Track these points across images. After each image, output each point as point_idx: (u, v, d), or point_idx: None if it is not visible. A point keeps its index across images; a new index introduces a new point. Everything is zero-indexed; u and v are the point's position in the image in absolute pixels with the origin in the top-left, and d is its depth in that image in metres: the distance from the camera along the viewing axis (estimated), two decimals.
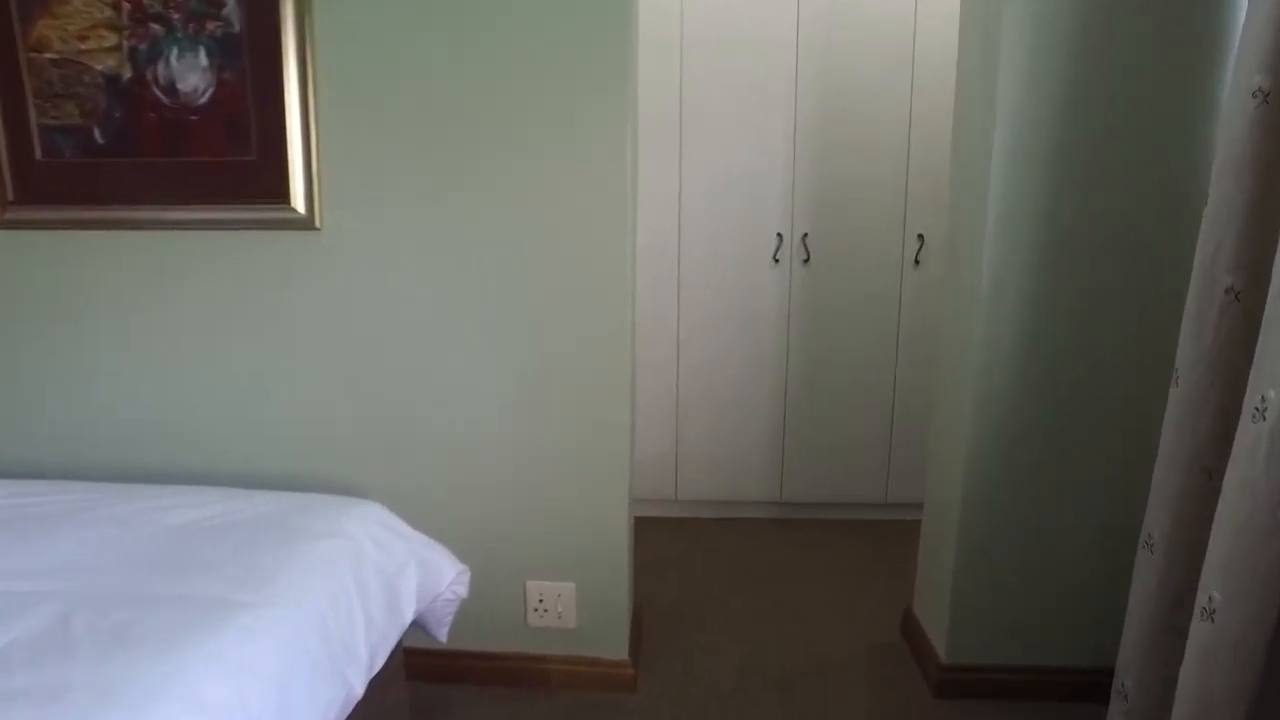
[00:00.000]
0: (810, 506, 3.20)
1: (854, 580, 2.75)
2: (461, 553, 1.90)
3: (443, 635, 1.83)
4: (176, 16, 1.75)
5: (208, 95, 1.80)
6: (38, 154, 1.84)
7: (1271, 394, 1.22)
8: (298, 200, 1.85)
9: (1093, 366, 1.91)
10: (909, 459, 3.07)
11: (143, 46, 1.76)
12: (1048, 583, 2.03)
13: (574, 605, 2.03)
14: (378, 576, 1.56)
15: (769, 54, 2.87)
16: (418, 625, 1.79)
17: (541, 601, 2.04)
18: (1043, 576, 2.03)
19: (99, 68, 1.78)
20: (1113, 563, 1.96)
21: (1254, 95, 1.37)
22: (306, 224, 1.87)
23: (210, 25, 1.75)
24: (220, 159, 1.84)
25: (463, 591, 1.81)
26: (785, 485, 3.15)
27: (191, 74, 1.78)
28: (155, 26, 1.75)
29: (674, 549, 2.97)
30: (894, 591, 2.61)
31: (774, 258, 2.98)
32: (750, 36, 2.86)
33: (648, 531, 3.01)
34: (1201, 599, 1.37)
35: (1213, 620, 1.34)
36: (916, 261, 2.96)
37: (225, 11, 1.75)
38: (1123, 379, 1.91)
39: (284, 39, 1.76)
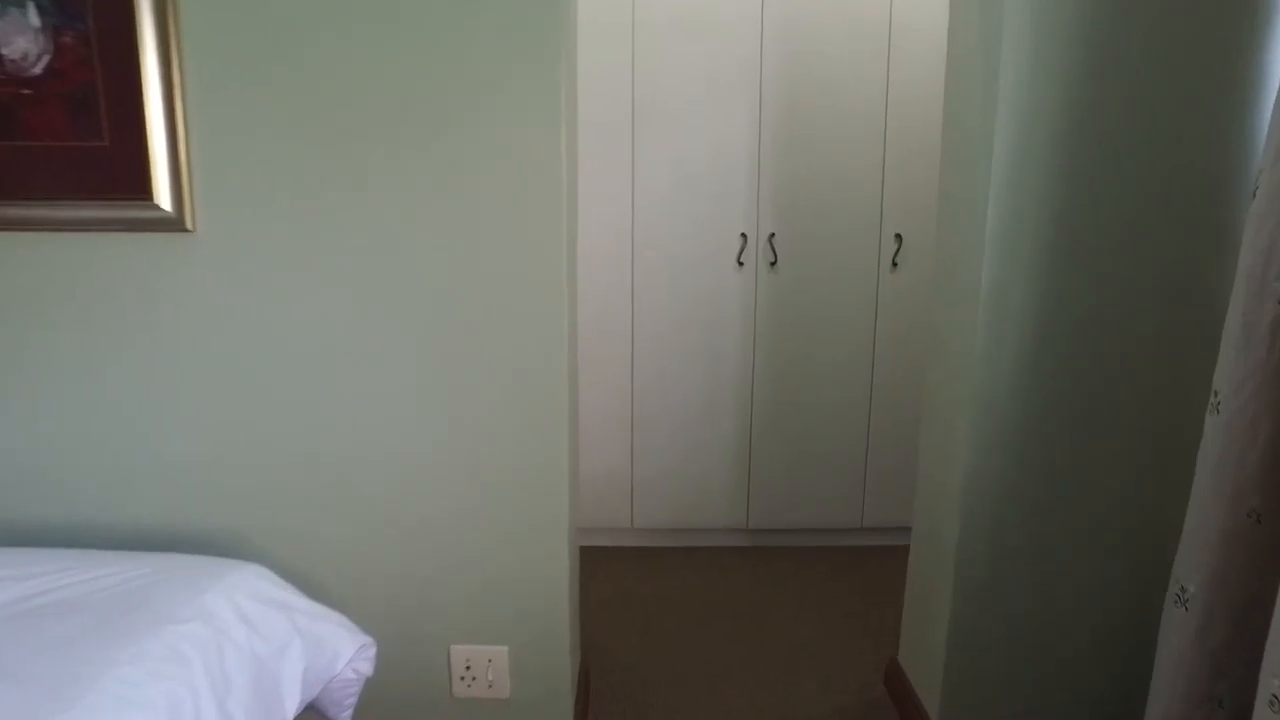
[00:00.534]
0: (779, 533, 2.93)
1: (830, 618, 2.47)
2: (374, 615, 1.64)
3: None
4: None
5: (43, 64, 1.46)
6: None
7: None
8: (162, 196, 1.52)
9: (1111, 385, 1.66)
10: (887, 480, 2.85)
11: None
12: (1060, 635, 1.78)
13: (507, 672, 1.73)
14: (247, 666, 1.24)
15: (731, 36, 2.61)
16: (314, 709, 1.48)
17: (469, 668, 1.73)
18: (1054, 628, 1.77)
19: None
20: (1137, 612, 1.71)
21: None
22: (175, 224, 1.54)
23: None
24: (64, 144, 1.50)
25: (366, 669, 1.50)
26: (752, 510, 2.88)
27: (19, 37, 1.43)
28: None
29: (629, 584, 2.67)
30: (875, 630, 2.35)
31: (738, 260, 2.71)
32: (710, 18, 2.60)
33: (599, 564, 2.72)
34: (1270, 684, 1.12)
35: None
36: (894, 264, 2.71)
37: None
38: (1147, 399, 1.66)
39: None
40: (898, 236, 2.69)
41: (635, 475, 2.85)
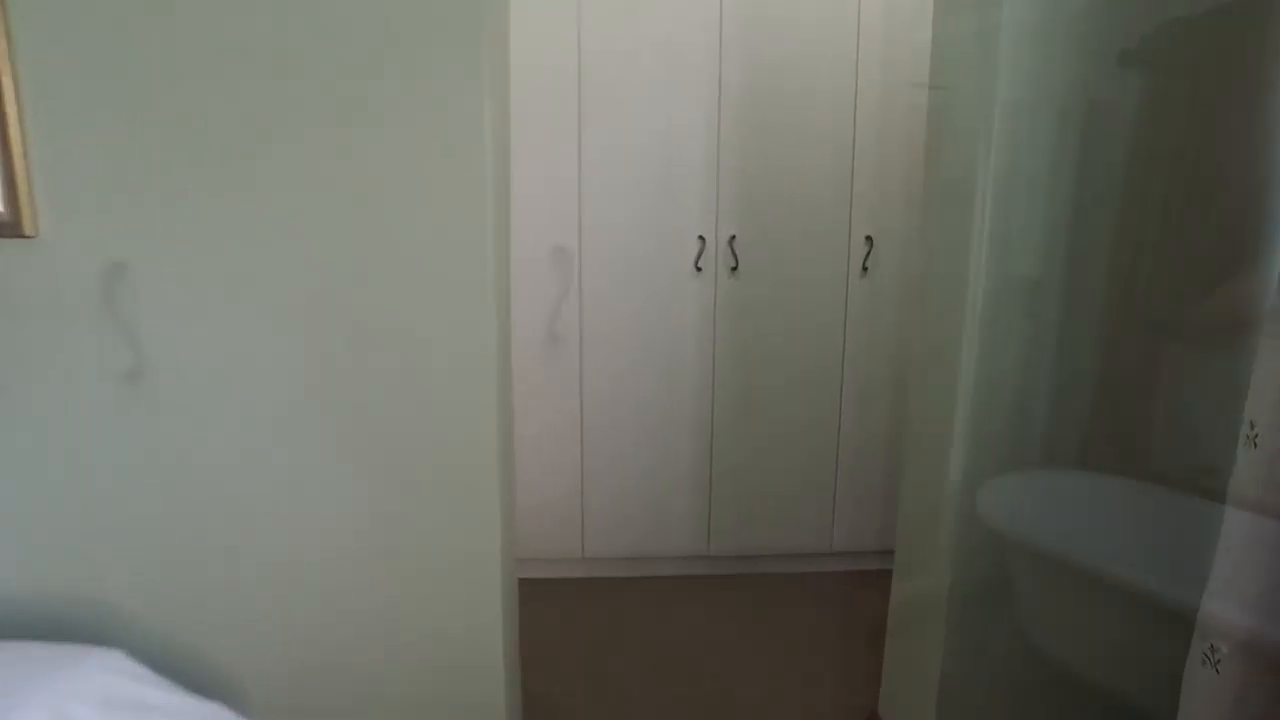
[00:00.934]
0: (743, 560, 2.72)
1: (799, 656, 2.26)
2: (271, 695, 1.41)
3: None
4: None
5: None
6: None
7: None
8: None
9: (1126, 399, 1.46)
10: (858, 501, 2.66)
11: None
12: (1066, 688, 1.57)
13: None
14: None
15: (687, 18, 2.38)
16: None
17: None
18: (1060, 682, 1.57)
19: None
20: (1159, 666, 1.52)
21: None
22: (11, 229, 1.26)
23: None
24: None
25: None
26: (713, 535, 2.66)
27: None
28: None
29: (577, 621, 2.43)
30: (850, 672, 2.14)
31: (696, 265, 2.49)
32: None
33: (545, 599, 2.48)
34: None
35: None
36: (865, 269, 2.51)
37: None
38: (1166, 416, 1.46)
39: None
40: (868, 239, 2.49)
41: (585, 499, 2.61)
